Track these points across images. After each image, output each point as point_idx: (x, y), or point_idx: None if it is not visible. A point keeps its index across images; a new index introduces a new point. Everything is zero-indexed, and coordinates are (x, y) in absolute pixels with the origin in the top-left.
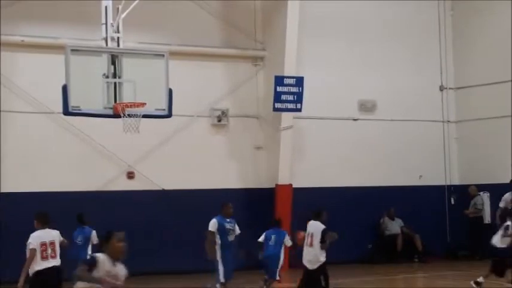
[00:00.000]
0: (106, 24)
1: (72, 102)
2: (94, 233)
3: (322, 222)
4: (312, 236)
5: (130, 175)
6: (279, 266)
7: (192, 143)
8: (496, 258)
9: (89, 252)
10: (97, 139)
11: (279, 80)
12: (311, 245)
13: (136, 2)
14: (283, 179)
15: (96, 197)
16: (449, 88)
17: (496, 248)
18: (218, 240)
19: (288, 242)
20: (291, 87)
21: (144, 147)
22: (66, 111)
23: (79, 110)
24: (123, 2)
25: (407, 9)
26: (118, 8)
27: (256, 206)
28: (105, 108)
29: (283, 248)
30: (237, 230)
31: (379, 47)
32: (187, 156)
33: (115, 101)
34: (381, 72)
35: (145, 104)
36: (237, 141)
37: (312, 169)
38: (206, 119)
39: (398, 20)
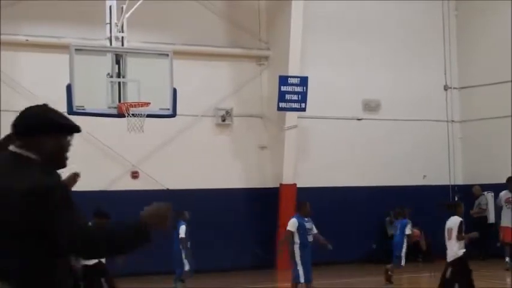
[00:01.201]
0: (110, 23)
1: (77, 102)
2: (183, 227)
3: (459, 215)
4: (450, 230)
5: (135, 175)
6: (402, 254)
7: (196, 143)
8: None
9: (180, 247)
10: (101, 139)
11: (283, 80)
12: (450, 238)
13: (141, 1)
14: (287, 179)
15: (100, 196)
16: (454, 88)
17: None
18: (297, 240)
19: (407, 230)
20: (295, 87)
21: (148, 146)
22: (71, 111)
23: (83, 109)
24: (127, 1)
25: (411, 9)
26: (122, 8)
27: (260, 206)
28: (110, 107)
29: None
30: (314, 229)
31: (383, 46)
32: (192, 155)
33: (119, 100)
34: (385, 71)
35: (149, 103)
36: (241, 140)
37: (316, 169)
38: (210, 119)
39: (402, 19)
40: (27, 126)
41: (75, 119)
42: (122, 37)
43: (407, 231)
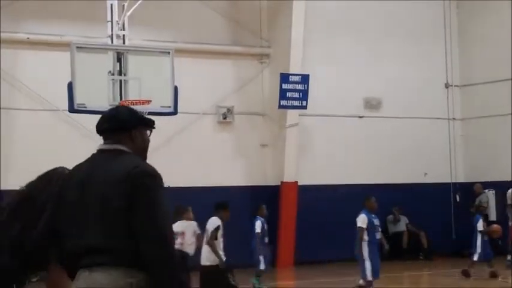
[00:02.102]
0: (112, 21)
1: (78, 100)
2: (258, 223)
3: None
4: None
5: None
6: (476, 249)
7: (198, 141)
8: None
9: (256, 243)
10: None
11: (285, 78)
12: None
13: None
14: (288, 177)
15: None
16: (455, 86)
17: None
18: (366, 237)
19: (479, 226)
20: (297, 85)
21: (150, 144)
22: (72, 109)
23: (84, 107)
24: None
25: (412, 7)
26: (123, 6)
27: (261, 204)
28: (111, 105)
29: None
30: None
31: (385, 44)
32: (193, 153)
33: (120, 98)
34: (386, 69)
35: (150, 101)
36: (242, 138)
37: (317, 166)
38: (212, 117)
39: (403, 17)
40: (122, 123)
41: (77, 117)
42: (123, 35)
43: (479, 227)
